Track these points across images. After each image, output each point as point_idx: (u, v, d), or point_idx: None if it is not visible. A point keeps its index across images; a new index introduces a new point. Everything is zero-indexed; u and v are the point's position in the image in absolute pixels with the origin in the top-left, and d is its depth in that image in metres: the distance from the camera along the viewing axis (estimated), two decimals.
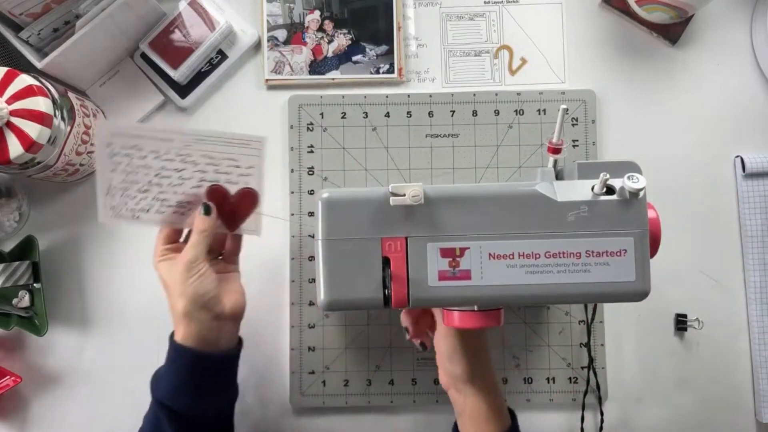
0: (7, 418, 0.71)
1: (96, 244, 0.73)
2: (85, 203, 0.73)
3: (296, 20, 0.74)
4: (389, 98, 0.73)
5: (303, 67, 0.73)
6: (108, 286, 0.72)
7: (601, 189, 0.52)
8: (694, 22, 0.74)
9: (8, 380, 0.68)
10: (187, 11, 0.72)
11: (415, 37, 0.75)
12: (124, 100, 0.73)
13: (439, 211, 0.53)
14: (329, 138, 0.73)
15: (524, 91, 0.73)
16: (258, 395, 0.71)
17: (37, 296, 0.70)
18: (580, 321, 0.71)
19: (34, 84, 0.60)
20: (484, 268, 0.52)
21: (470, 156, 0.72)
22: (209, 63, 0.73)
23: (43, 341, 0.71)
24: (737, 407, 0.71)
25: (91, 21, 0.65)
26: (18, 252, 0.70)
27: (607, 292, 0.53)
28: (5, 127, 0.59)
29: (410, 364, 0.71)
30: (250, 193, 0.60)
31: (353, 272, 0.53)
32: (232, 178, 0.60)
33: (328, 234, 0.53)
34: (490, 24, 0.75)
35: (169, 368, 0.58)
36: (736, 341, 0.71)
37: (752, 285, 0.71)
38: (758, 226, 0.71)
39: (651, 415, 0.71)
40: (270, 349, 0.71)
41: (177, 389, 0.57)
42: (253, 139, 0.59)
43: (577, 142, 0.72)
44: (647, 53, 0.74)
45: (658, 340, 0.71)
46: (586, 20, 0.75)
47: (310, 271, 0.72)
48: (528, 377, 0.71)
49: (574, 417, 0.70)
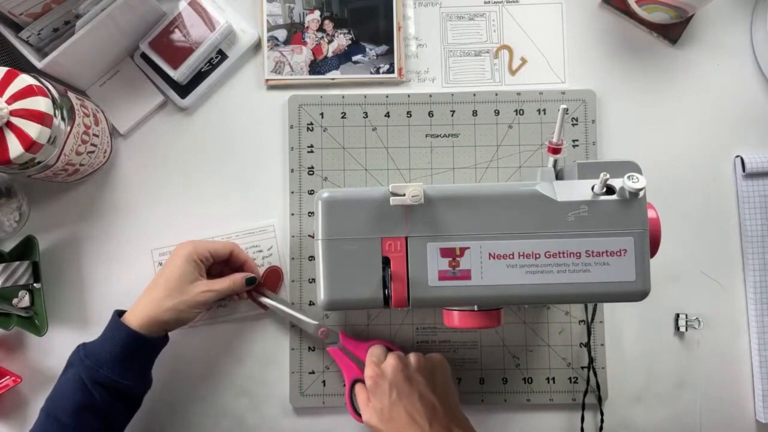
0: (7, 418, 0.71)
1: (96, 244, 0.73)
2: (85, 203, 0.73)
3: (296, 20, 0.74)
4: (389, 98, 0.73)
5: (303, 67, 0.73)
6: (108, 286, 0.72)
7: (601, 189, 0.53)
8: (694, 22, 0.74)
9: (8, 380, 0.68)
10: (187, 11, 0.72)
11: (415, 37, 0.75)
12: (124, 100, 0.73)
13: (439, 211, 0.53)
14: (329, 138, 0.73)
15: (524, 91, 0.73)
16: (258, 395, 0.71)
17: (37, 296, 0.70)
18: (580, 321, 0.71)
19: (34, 84, 0.60)
20: (484, 267, 0.52)
21: (470, 156, 0.73)
22: (209, 63, 0.73)
23: (43, 341, 0.71)
24: (737, 407, 0.71)
25: (91, 21, 0.65)
26: (18, 252, 0.70)
27: (607, 292, 0.53)
28: (5, 127, 0.59)
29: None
30: (275, 270, 0.72)
31: (353, 272, 0.53)
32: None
33: (328, 234, 0.53)
34: (490, 24, 0.75)
35: (106, 338, 0.62)
36: (736, 341, 0.71)
37: (752, 285, 0.71)
38: (758, 226, 0.71)
39: (651, 415, 0.71)
40: (270, 349, 0.71)
41: (120, 361, 0.61)
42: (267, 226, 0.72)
43: (577, 142, 0.72)
44: (647, 53, 0.74)
45: (658, 340, 0.71)
46: (586, 20, 0.75)
47: (310, 271, 0.72)
48: (528, 377, 0.71)
49: (574, 417, 0.70)
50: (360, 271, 0.53)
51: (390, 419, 0.60)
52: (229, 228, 0.72)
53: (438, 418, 0.59)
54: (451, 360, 0.71)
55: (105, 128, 0.71)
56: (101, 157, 0.71)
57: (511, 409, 0.71)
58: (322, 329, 0.69)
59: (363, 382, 0.65)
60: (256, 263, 0.70)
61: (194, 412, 0.71)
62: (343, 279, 0.53)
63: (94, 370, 0.60)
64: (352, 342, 0.68)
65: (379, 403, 0.61)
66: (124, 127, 0.73)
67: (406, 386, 0.60)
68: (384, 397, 0.61)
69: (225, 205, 0.73)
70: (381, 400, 0.61)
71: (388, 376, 0.61)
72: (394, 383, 0.61)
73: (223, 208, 0.73)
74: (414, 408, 0.59)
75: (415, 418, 0.59)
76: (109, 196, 0.73)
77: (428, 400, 0.60)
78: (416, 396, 0.60)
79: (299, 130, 0.73)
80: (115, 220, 0.73)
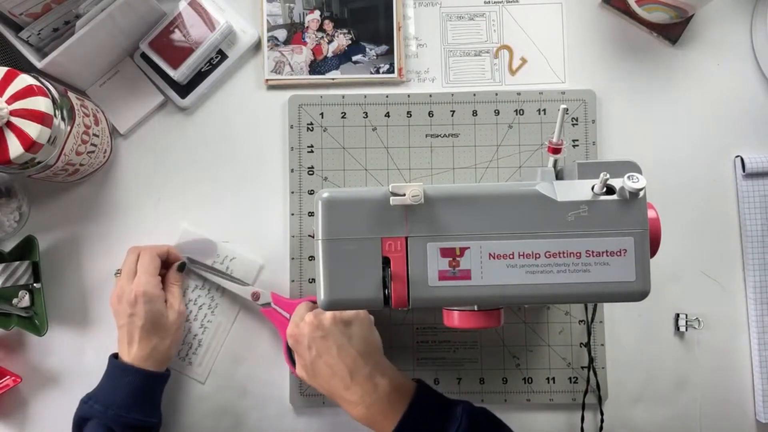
0: (7, 418, 0.71)
1: (96, 244, 0.73)
2: (85, 203, 0.73)
3: (296, 20, 0.74)
4: (389, 98, 0.73)
5: (303, 67, 0.73)
6: (108, 286, 0.72)
7: (601, 189, 0.52)
8: (694, 22, 0.74)
9: (8, 380, 0.68)
10: (187, 11, 0.72)
11: (415, 37, 0.75)
12: (124, 100, 0.73)
13: (439, 211, 0.53)
14: (329, 138, 0.73)
15: (524, 91, 0.73)
16: (258, 395, 0.71)
17: (37, 296, 0.70)
18: (580, 321, 0.71)
19: (34, 84, 0.60)
20: (484, 267, 0.52)
21: (470, 156, 0.72)
22: (209, 63, 0.73)
23: (43, 341, 0.71)
24: (737, 407, 0.71)
25: (91, 21, 0.65)
26: (18, 252, 0.70)
27: (607, 292, 0.53)
28: (5, 127, 0.59)
29: (410, 364, 0.71)
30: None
31: (353, 272, 0.53)
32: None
33: (328, 234, 0.53)
34: (490, 24, 0.75)
35: (119, 384, 0.64)
36: (736, 341, 0.71)
37: (752, 285, 0.71)
38: (758, 226, 0.71)
39: (651, 415, 0.71)
40: (270, 349, 0.71)
41: (143, 402, 0.64)
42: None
43: (577, 142, 0.72)
44: (647, 53, 0.74)
45: (658, 340, 0.71)
46: (586, 20, 0.75)
47: (310, 271, 0.72)
48: (528, 377, 0.71)
49: (574, 417, 0.70)
50: (360, 271, 0.53)
51: (314, 375, 0.63)
52: (229, 228, 0.72)
53: (359, 369, 0.61)
54: (451, 360, 0.71)
55: (105, 128, 0.71)
56: (101, 157, 0.71)
57: (511, 409, 0.71)
58: (254, 291, 0.70)
59: None
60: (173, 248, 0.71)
61: (194, 412, 0.71)
62: (343, 279, 0.53)
63: (122, 416, 0.62)
64: (283, 300, 0.70)
65: (302, 359, 0.64)
66: (124, 127, 0.73)
67: (322, 342, 0.62)
68: (305, 353, 0.63)
69: (225, 205, 0.73)
70: (303, 357, 0.63)
71: (306, 333, 0.63)
72: (312, 340, 0.62)
73: (223, 208, 0.73)
74: (333, 361, 0.61)
75: (336, 370, 0.61)
76: (109, 196, 0.73)
77: (347, 351, 0.62)
78: (334, 349, 0.62)
79: (299, 130, 0.73)
80: (115, 220, 0.73)
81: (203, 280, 0.72)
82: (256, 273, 0.72)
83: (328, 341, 0.62)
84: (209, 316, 0.72)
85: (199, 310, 0.72)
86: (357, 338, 0.63)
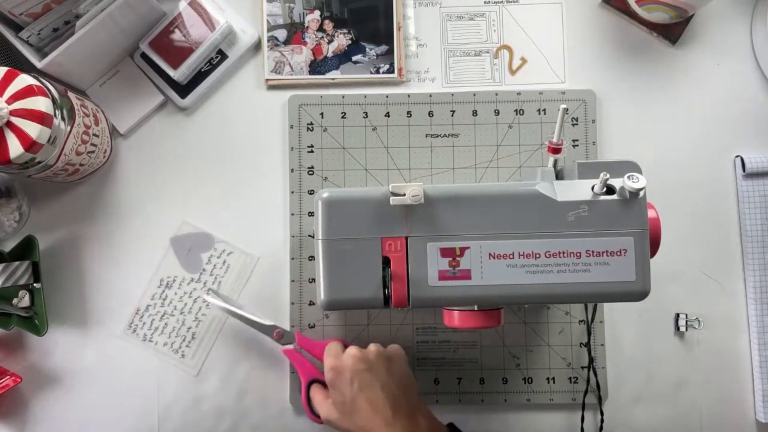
0: (7, 418, 0.71)
1: (96, 244, 0.73)
2: (85, 203, 0.73)
3: (296, 20, 0.74)
4: (389, 98, 0.73)
5: (303, 67, 0.73)
6: (108, 286, 0.72)
7: (601, 189, 0.53)
8: (694, 22, 0.74)
9: (8, 380, 0.68)
10: (187, 11, 0.72)
11: (415, 37, 0.75)
12: (124, 100, 0.73)
13: (439, 211, 0.53)
14: (329, 138, 0.73)
15: (524, 90, 0.73)
16: (258, 395, 0.71)
17: (37, 296, 0.70)
18: (580, 321, 0.71)
19: (34, 84, 0.60)
20: (484, 267, 0.53)
21: (470, 156, 0.73)
22: (209, 63, 0.73)
23: (43, 341, 0.71)
24: (737, 407, 0.71)
25: (91, 21, 0.65)
26: (18, 252, 0.70)
27: (607, 292, 0.53)
28: (5, 127, 0.59)
29: (410, 364, 0.71)
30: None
31: (353, 272, 0.53)
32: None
33: (328, 234, 0.53)
34: (490, 24, 0.75)
35: None
36: (736, 341, 0.71)
37: (752, 285, 0.71)
38: (758, 226, 0.71)
39: (651, 415, 0.71)
40: (270, 349, 0.71)
41: None
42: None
43: (577, 142, 0.72)
44: (647, 53, 0.74)
45: (658, 340, 0.71)
46: (586, 20, 0.75)
47: (310, 271, 0.72)
48: (528, 377, 0.71)
49: (574, 417, 0.70)
50: (360, 271, 0.53)
51: (352, 411, 0.59)
52: (229, 228, 0.72)
53: (400, 406, 0.59)
54: (451, 360, 0.71)
55: (105, 128, 0.71)
56: (101, 157, 0.71)
57: (511, 409, 0.71)
58: (277, 330, 0.68)
59: (319, 382, 0.66)
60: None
61: (195, 412, 0.71)
62: (343, 279, 0.53)
63: None
64: (309, 341, 0.68)
65: (341, 395, 0.61)
66: (124, 127, 0.73)
67: (367, 376, 0.60)
68: (345, 388, 0.60)
69: (225, 205, 0.73)
70: (342, 392, 0.60)
71: (349, 366, 0.61)
72: (355, 374, 0.60)
73: (223, 207, 0.73)
74: (376, 397, 0.59)
75: (378, 407, 0.59)
76: (109, 196, 0.73)
77: (390, 389, 0.60)
78: (378, 386, 0.60)
79: (299, 130, 0.73)
80: (115, 220, 0.73)
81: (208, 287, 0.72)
82: (253, 266, 0.72)
83: (372, 376, 0.60)
84: (204, 309, 0.72)
85: (194, 303, 0.72)
86: (398, 375, 0.62)
